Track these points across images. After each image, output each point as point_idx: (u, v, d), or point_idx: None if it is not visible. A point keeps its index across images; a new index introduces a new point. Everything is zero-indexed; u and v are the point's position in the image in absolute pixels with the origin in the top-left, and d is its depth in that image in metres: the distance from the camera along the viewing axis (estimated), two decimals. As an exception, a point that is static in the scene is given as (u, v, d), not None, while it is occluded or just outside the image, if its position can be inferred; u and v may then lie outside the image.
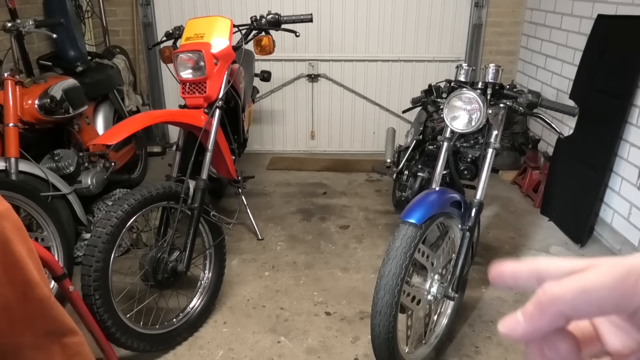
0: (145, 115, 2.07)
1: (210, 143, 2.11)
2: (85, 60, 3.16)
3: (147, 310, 2.00)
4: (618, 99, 2.61)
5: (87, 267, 1.68)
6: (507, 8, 3.90)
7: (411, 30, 3.96)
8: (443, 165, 1.97)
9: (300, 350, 1.98)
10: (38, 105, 2.31)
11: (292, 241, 2.82)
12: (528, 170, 3.47)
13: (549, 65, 3.50)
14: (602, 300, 0.26)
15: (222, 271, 2.19)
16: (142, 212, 1.83)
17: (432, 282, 1.77)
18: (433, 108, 2.30)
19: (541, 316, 0.27)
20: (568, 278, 0.27)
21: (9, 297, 1.12)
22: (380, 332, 1.57)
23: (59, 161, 2.44)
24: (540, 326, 0.28)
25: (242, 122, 2.75)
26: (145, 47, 4.02)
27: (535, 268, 0.31)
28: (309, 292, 2.35)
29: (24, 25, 2.46)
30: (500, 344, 2.02)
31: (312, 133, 4.26)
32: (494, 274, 0.32)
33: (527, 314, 0.28)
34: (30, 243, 1.17)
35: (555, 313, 0.27)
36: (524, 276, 0.31)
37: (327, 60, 4.04)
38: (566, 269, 0.29)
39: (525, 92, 1.96)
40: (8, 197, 1.85)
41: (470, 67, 2.04)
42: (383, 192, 3.48)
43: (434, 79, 3.58)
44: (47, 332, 1.23)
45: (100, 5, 3.86)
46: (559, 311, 0.27)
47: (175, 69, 2.17)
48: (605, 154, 2.67)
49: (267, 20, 2.37)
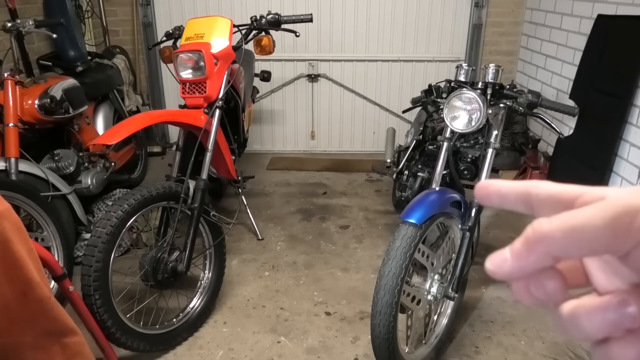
0: (145, 115, 2.07)
1: (210, 143, 2.11)
2: (85, 60, 3.16)
3: (147, 310, 2.00)
4: (618, 99, 2.61)
5: (87, 267, 1.68)
6: (507, 8, 3.90)
7: (411, 30, 3.96)
8: (443, 165, 1.97)
9: (300, 350, 1.98)
10: (38, 105, 2.31)
11: (292, 241, 2.82)
12: (528, 170, 3.46)
13: (549, 65, 3.50)
14: (594, 241, 0.25)
15: (222, 271, 2.19)
16: (142, 212, 1.83)
17: (432, 282, 1.77)
18: (433, 108, 2.30)
19: (529, 255, 0.26)
20: (558, 216, 0.25)
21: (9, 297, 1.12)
22: (380, 332, 1.57)
23: (59, 161, 2.44)
24: (527, 265, 0.26)
25: (242, 122, 2.75)
26: (145, 47, 4.02)
27: (524, 189, 0.29)
28: (309, 292, 2.35)
29: (24, 25, 2.46)
30: (500, 344, 2.02)
31: (312, 133, 4.26)
32: (480, 192, 0.31)
33: (514, 251, 0.27)
34: (30, 243, 1.18)
35: (544, 252, 0.26)
36: (512, 197, 0.30)
37: (327, 60, 4.04)
38: (556, 194, 0.28)
39: (525, 92, 1.96)
40: (8, 197, 1.85)
41: (470, 67, 2.04)
42: (383, 192, 3.48)
43: (434, 79, 3.58)
44: (47, 332, 1.23)
45: (100, 5, 3.86)
46: (547, 251, 0.26)
47: (175, 69, 2.17)
48: (605, 154, 2.67)
49: (267, 20, 2.38)
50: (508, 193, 0.30)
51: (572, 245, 0.25)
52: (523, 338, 2.05)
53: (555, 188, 0.29)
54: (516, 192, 0.30)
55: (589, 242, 0.25)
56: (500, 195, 0.30)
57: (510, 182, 0.30)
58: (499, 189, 0.30)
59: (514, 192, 0.30)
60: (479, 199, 0.31)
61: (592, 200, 0.27)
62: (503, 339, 2.05)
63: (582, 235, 0.25)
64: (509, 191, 0.30)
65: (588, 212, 0.25)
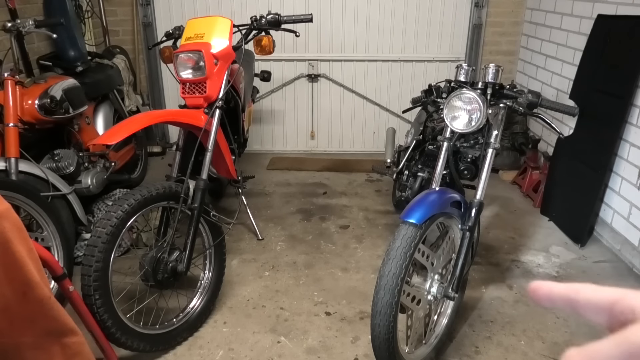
0: (145, 115, 2.07)
1: (210, 143, 2.11)
2: (85, 60, 3.16)
3: (147, 310, 2.00)
4: (618, 99, 2.61)
5: (87, 267, 1.68)
6: (507, 8, 3.90)
7: (411, 30, 3.96)
8: (443, 165, 1.97)
9: (300, 350, 1.98)
10: (38, 105, 2.31)
11: (292, 241, 2.82)
12: (528, 170, 3.47)
13: (549, 65, 3.50)
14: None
15: (222, 271, 2.19)
16: (142, 212, 1.83)
17: (432, 282, 1.77)
18: (433, 108, 2.30)
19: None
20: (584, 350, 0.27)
21: (9, 297, 1.12)
22: (380, 332, 1.57)
23: (59, 161, 2.44)
24: None
25: (242, 122, 2.75)
26: (145, 47, 4.02)
27: (567, 296, 0.32)
28: (309, 292, 2.35)
29: (24, 25, 2.46)
30: (500, 344, 2.02)
31: (312, 133, 4.26)
32: (532, 291, 0.34)
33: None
34: (30, 243, 1.18)
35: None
36: (559, 301, 0.33)
37: (327, 60, 4.04)
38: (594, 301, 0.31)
39: (525, 92, 1.96)
40: (8, 197, 1.85)
41: (470, 67, 2.04)
42: (383, 192, 3.48)
43: (434, 79, 3.59)
44: (47, 332, 1.23)
45: (100, 5, 3.86)
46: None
47: (175, 69, 2.17)
48: (605, 154, 2.67)
49: (267, 20, 2.38)
50: (556, 298, 0.33)
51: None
52: (523, 338, 2.05)
53: (594, 294, 0.31)
54: (562, 297, 0.33)
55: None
56: (549, 299, 0.33)
57: (558, 285, 0.33)
58: (549, 293, 0.33)
59: (560, 297, 0.33)
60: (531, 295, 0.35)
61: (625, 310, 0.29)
62: (503, 339, 2.05)
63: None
64: (557, 296, 0.33)
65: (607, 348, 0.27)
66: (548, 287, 0.34)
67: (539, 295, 0.34)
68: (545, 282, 0.34)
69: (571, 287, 0.32)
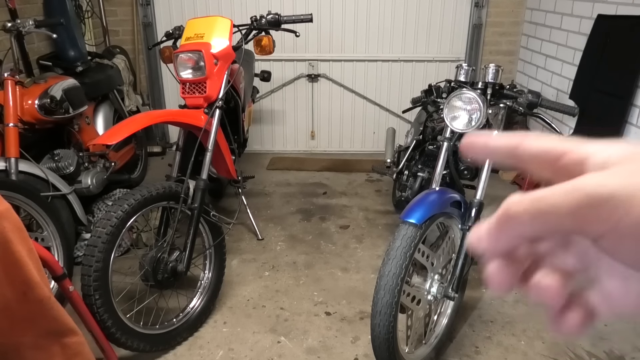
0: (145, 115, 2.07)
1: (210, 143, 2.11)
2: (85, 60, 3.16)
3: (147, 310, 2.00)
4: (618, 99, 2.61)
5: (87, 267, 1.68)
6: (507, 8, 3.90)
7: (411, 30, 3.96)
8: (443, 165, 1.97)
9: (300, 350, 1.98)
10: (38, 105, 2.31)
11: (292, 241, 2.82)
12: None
13: (549, 65, 3.50)
14: (560, 226, 0.24)
15: (222, 271, 2.19)
16: (142, 212, 1.83)
17: (432, 282, 1.77)
18: (433, 108, 2.30)
19: (499, 235, 0.26)
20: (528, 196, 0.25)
21: (9, 297, 1.12)
22: (380, 332, 1.57)
23: (59, 161, 2.44)
24: (499, 244, 0.27)
25: (242, 122, 2.75)
26: (145, 47, 4.02)
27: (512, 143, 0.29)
28: (309, 292, 2.35)
29: (24, 25, 2.45)
30: (500, 344, 2.02)
31: (312, 133, 4.26)
32: (467, 144, 0.30)
33: (488, 230, 0.27)
34: (30, 243, 1.18)
35: (514, 235, 0.26)
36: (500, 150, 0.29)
37: (327, 60, 4.04)
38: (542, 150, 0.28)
39: (525, 92, 1.96)
40: (8, 197, 1.85)
41: (470, 67, 2.04)
42: (383, 192, 3.48)
43: (434, 79, 3.58)
44: (47, 332, 1.23)
45: (100, 5, 3.86)
46: (517, 233, 0.26)
47: (175, 69, 2.17)
48: (605, 154, 2.67)
49: (267, 20, 2.38)
50: (497, 146, 0.29)
51: (539, 228, 0.25)
52: (523, 338, 2.05)
53: (542, 144, 0.28)
54: (505, 145, 0.29)
55: (555, 226, 0.24)
56: (488, 148, 0.30)
57: (497, 136, 0.30)
58: (487, 141, 0.30)
59: (502, 146, 0.29)
60: (466, 152, 0.30)
61: (574, 162, 0.27)
62: (503, 339, 2.05)
63: (548, 219, 0.24)
64: (497, 145, 0.29)
65: (555, 196, 0.24)
66: (485, 138, 0.30)
67: (476, 147, 0.30)
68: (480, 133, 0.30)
69: (513, 137, 0.29)
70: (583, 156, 0.27)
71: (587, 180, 0.24)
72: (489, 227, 0.27)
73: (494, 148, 0.29)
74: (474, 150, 0.30)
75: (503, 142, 0.29)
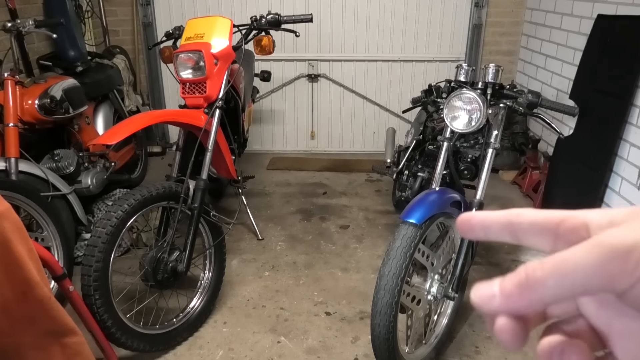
0: (145, 115, 2.07)
1: (210, 143, 2.11)
2: (85, 60, 3.16)
3: (147, 310, 2.00)
4: (618, 99, 2.61)
5: (87, 267, 1.68)
6: (507, 8, 3.90)
7: (411, 30, 3.96)
8: (443, 165, 1.97)
9: (300, 350, 1.98)
10: (38, 105, 2.31)
11: (292, 241, 2.82)
12: (528, 170, 3.46)
13: (549, 65, 3.50)
14: (586, 285, 0.24)
15: (222, 271, 2.19)
16: (142, 212, 1.83)
17: (432, 282, 1.77)
18: (433, 108, 2.30)
19: (521, 299, 0.25)
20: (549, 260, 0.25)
21: (9, 297, 1.12)
22: (380, 332, 1.57)
23: (59, 161, 2.44)
24: (517, 308, 0.26)
25: (242, 122, 2.75)
26: (145, 47, 4.02)
27: (505, 219, 0.28)
28: (309, 292, 2.35)
29: (24, 25, 2.46)
30: (500, 344, 2.02)
31: (312, 133, 4.26)
32: (463, 226, 0.30)
33: (505, 292, 0.26)
34: (30, 243, 1.18)
35: (536, 299, 0.25)
36: (495, 228, 0.29)
37: (327, 60, 4.04)
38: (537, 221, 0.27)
39: (525, 92, 1.96)
40: (8, 197, 1.85)
41: (470, 67, 2.04)
42: (383, 192, 3.48)
43: (434, 79, 3.58)
44: (47, 332, 1.23)
45: (100, 5, 3.86)
46: (540, 298, 0.25)
47: (175, 69, 2.17)
48: (605, 154, 2.67)
49: (267, 20, 2.38)
50: (491, 224, 0.29)
51: (565, 291, 0.25)
52: (523, 338, 2.05)
53: (537, 215, 0.28)
54: (499, 222, 0.29)
55: (582, 287, 0.24)
56: (484, 227, 0.30)
57: (492, 212, 0.29)
58: (482, 220, 0.29)
59: (496, 223, 0.29)
60: (463, 233, 0.30)
61: (575, 227, 0.26)
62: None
63: (575, 280, 0.24)
64: (492, 222, 0.29)
65: (577, 255, 0.24)
66: (481, 215, 0.29)
67: (472, 225, 0.30)
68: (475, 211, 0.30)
69: (510, 211, 0.29)
70: (583, 222, 0.26)
71: (607, 235, 0.24)
72: (505, 289, 0.26)
73: (491, 224, 0.29)
74: (471, 231, 0.30)
75: (499, 217, 0.29)
